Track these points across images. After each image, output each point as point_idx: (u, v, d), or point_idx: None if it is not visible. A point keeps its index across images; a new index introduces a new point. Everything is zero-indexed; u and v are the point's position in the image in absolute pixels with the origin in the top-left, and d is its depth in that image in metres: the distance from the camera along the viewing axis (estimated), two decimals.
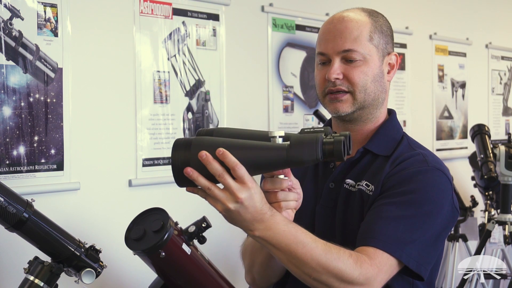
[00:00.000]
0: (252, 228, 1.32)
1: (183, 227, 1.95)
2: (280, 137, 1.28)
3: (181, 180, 1.32)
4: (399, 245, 1.43)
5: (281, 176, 1.36)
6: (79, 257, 1.87)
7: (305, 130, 1.31)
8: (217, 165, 1.26)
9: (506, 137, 4.61)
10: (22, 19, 2.25)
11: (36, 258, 1.88)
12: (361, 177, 1.57)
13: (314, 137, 1.26)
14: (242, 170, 1.26)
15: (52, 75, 2.33)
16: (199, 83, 2.88)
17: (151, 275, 2.04)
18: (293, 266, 1.36)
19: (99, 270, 1.90)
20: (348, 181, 1.58)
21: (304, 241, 1.33)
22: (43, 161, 2.31)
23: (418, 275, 1.48)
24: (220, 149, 1.26)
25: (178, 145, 1.32)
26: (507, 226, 3.54)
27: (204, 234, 1.96)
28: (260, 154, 1.26)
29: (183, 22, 2.81)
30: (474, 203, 4.05)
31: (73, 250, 1.86)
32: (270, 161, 1.27)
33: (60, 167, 2.36)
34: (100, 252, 1.92)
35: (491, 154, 3.51)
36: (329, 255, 1.34)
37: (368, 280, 1.38)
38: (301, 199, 1.42)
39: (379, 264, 1.40)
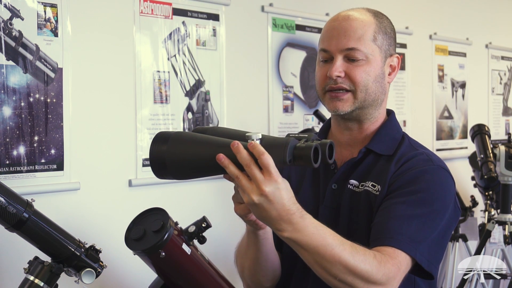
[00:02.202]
0: (280, 228, 1.31)
1: (183, 227, 1.95)
2: (257, 139, 1.28)
3: (158, 171, 1.36)
4: (414, 244, 1.44)
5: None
6: (79, 257, 1.87)
7: (290, 135, 1.31)
8: (246, 154, 1.25)
9: (506, 137, 4.61)
10: (22, 19, 2.25)
11: (36, 258, 1.88)
12: (365, 178, 1.58)
13: (285, 140, 1.27)
14: (268, 160, 1.24)
15: (52, 75, 2.33)
16: (199, 83, 2.88)
17: (151, 275, 2.04)
18: (319, 268, 1.35)
19: (99, 270, 1.90)
20: (352, 181, 1.59)
21: (332, 243, 1.33)
22: (43, 161, 2.31)
23: (428, 273, 1.49)
24: (251, 142, 1.26)
25: (157, 139, 1.34)
26: (507, 226, 3.54)
27: (204, 234, 1.96)
28: (229, 153, 1.26)
29: (183, 22, 2.81)
30: (474, 203, 4.05)
31: (73, 250, 1.86)
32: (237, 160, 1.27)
33: (60, 167, 2.36)
34: (100, 252, 1.92)
35: (491, 154, 3.51)
36: (356, 257, 1.35)
37: (389, 280, 1.39)
38: None
39: (398, 264, 1.42)
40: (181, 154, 1.31)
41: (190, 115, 2.84)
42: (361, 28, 1.55)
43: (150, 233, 1.84)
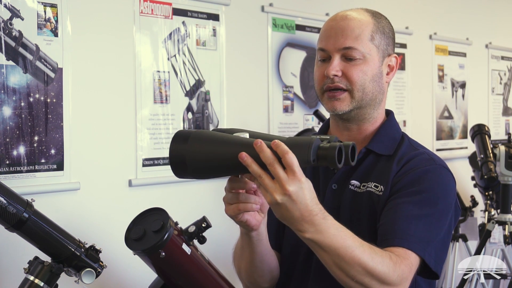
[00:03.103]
0: (302, 229, 1.30)
1: (183, 227, 1.95)
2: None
3: (178, 171, 1.33)
4: (422, 244, 1.45)
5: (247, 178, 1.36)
6: (79, 257, 1.87)
7: (312, 136, 1.31)
8: (270, 153, 1.23)
9: (506, 137, 4.61)
10: (22, 19, 2.25)
11: (36, 258, 1.88)
12: (367, 178, 1.58)
13: (309, 139, 1.26)
14: (292, 159, 1.23)
15: (52, 75, 2.33)
16: (199, 83, 2.88)
17: (151, 275, 2.04)
18: (337, 269, 1.35)
19: (99, 270, 1.90)
20: (353, 182, 1.59)
21: (353, 245, 1.33)
22: (43, 161, 2.31)
23: (434, 273, 1.50)
24: (275, 141, 1.25)
25: (177, 137, 1.33)
26: (507, 226, 3.55)
27: (204, 234, 1.96)
28: (252, 152, 1.25)
29: (183, 22, 2.82)
30: (474, 203, 4.05)
31: (73, 250, 1.86)
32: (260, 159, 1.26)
33: (60, 167, 2.36)
34: (100, 252, 1.92)
35: (491, 154, 3.51)
36: (375, 259, 1.35)
37: (403, 281, 1.40)
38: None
39: (410, 264, 1.42)
40: (202, 153, 1.29)
41: (190, 115, 2.84)
42: (358, 28, 1.56)
43: (150, 233, 1.84)
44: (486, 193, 3.89)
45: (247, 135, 1.30)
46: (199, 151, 1.30)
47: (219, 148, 1.28)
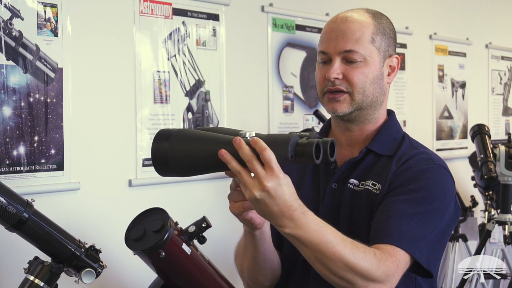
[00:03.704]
0: (282, 224, 1.31)
1: (183, 227, 1.95)
2: (251, 137, 1.29)
3: (160, 169, 1.35)
4: (413, 242, 1.45)
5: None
6: (79, 257, 1.87)
7: (290, 133, 1.32)
8: (248, 150, 1.25)
9: (506, 137, 4.61)
10: (22, 19, 2.25)
11: (36, 258, 1.88)
12: (365, 177, 1.58)
13: (287, 136, 1.28)
14: (270, 155, 1.25)
15: (52, 75, 2.33)
16: (199, 83, 2.88)
17: (151, 275, 2.04)
18: (320, 264, 1.36)
19: (99, 270, 1.91)
20: (352, 181, 1.59)
21: (333, 240, 1.34)
22: (43, 161, 2.31)
23: (428, 272, 1.49)
24: (253, 137, 1.26)
25: (159, 136, 1.35)
26: (507, 226, 3.55)
27: (204, 234, 1.96)
28: (231, 149, 1.27)
29: (183, 22, 2.82)
30: (474, 203, 4.05)
31: (73, 250, 1.86)
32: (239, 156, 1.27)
33: (60, 167, 2.36)
34: (100, 252, 1.92)
35: (491, 154, 3.52)
36: (356, 254, 1.35)
37: (388, 278, 1.40)
38: None
39: (397, 262, 1.42)
40: (183, 151, 1.32)
41: (190, 115, 2.84)
42: (359, 30, 1.55)
43: (150, 233, 1.84)
44: (486, 193, 3.89)
45: (253, 134, 1.31)
46: (181, 149, 1.32)
47: (199, 146, 1.31)
